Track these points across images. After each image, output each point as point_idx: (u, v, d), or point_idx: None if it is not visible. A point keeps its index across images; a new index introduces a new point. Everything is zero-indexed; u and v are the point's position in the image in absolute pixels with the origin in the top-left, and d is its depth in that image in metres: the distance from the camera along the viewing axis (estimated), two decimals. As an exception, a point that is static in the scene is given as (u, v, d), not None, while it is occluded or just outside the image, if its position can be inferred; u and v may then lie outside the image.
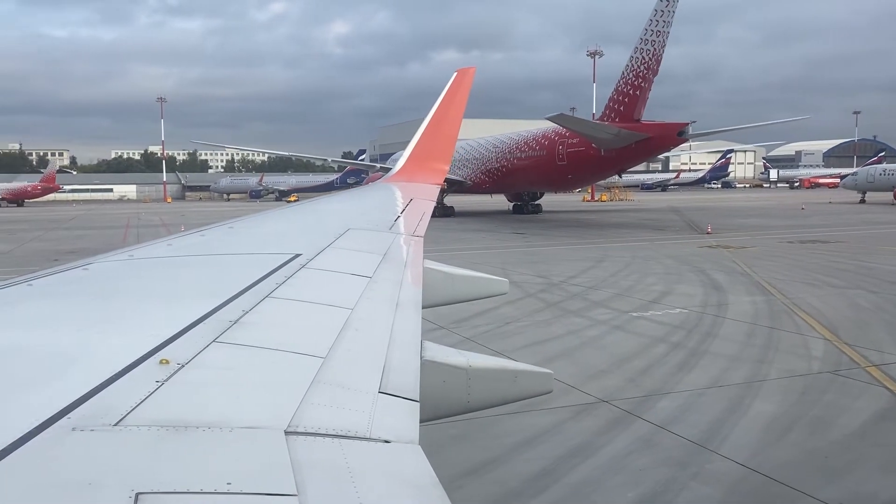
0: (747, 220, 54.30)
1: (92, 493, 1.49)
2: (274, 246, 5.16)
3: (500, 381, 3.66)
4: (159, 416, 1.88)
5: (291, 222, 7.38)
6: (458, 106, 13.01)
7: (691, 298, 19.83)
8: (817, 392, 11.20)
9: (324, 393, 2.26)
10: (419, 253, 5.57)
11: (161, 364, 2.25)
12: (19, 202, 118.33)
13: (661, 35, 44.95)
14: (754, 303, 19.05)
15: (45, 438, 1.68)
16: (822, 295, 20.12)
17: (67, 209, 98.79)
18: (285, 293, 3.43)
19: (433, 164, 12.54)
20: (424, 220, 7.46)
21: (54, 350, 2.42)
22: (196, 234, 5.60)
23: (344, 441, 1.95)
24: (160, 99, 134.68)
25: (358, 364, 2.69)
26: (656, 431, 9.59)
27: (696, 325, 16.25)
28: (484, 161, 61.94)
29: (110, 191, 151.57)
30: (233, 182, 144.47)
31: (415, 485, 1.83)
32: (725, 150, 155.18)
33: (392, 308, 3.62)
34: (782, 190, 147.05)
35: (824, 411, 10.32)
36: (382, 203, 9.87)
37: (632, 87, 46.87)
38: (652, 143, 46.51)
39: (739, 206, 78.79)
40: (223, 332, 2.70)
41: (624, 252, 32.37)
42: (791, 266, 26.62)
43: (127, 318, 2.94)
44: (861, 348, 13.79)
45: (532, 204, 65.20)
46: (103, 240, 42.45)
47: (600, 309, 18.55)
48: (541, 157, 54.40)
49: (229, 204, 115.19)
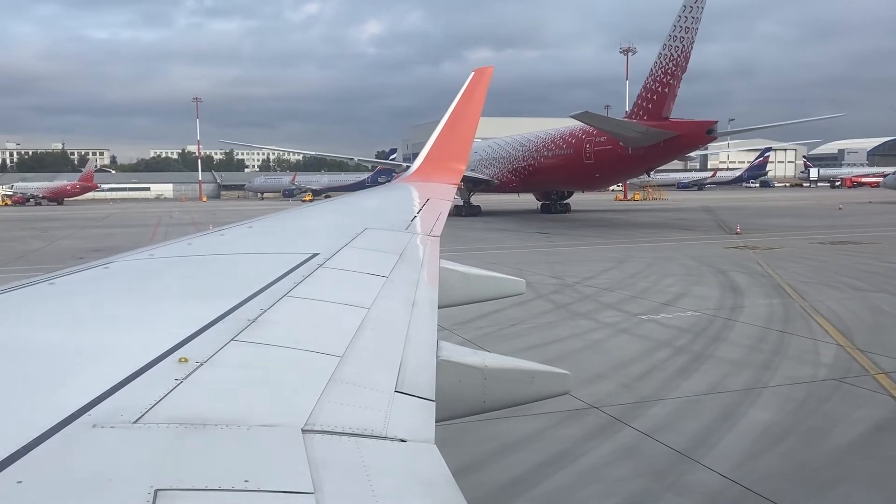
0: (780, 220, 53.11)
1: (111, 490, 1.51)
2: (292, 245, 5.22)
3: (517, 381, 3.65)
4: (178, 413, 1.90)
5: (309, 222, 7.41)
6: (476, 106, 12.94)
7: (706, 301, 19.35)
8: (818, 400, 10.77)
9: (340, 392, 2.28)
10: (435, 253, 5.59)
11: (180, 362, 2.27)
12: (59, 200, 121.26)
13: (689, 31, 44.16)
14: (770, 306, 18.52)
15: (65, 435, 1.70)
16: (844, 298, 19.48)
17: (104, 208, 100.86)
18: (303, 292, 3.46)
19: (450, 163, 12.49)
20: (441, 220, 7.46)
21: (75, 348, 2.46)
22: (215, 234, 5.65)
23: (360, 439, 1.96)
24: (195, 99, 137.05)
25: (374, 363, 2.72)
26: (641, 440, 9.29)
27: (704, 329, 15.82)
28: (511, 160, 61.58)
29: (147, 189, 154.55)
30: (266, 181, 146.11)
31: (430, 484, 1.83)
32: (763, 149, 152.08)
33: (408, 308, 3.63)
34: (822, 189, 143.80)
35: (821, 421, 9.91)
36: (399, 203, 9.91)
37: (660, 84, 46.15)
38: (680, 142, 45.75)
39: (774, 205, 77.20)
40: (241, 330, 2.72)
41: (647, 252, 31.84)
42: (816, 268, 25.88)
43: (146, 317, 2.97)
44: (874, 354, 13.27)
45: (560, 203, 64.65)
46: (131, 238, 43.15)
47: (610, 311, 18.19)
48: (568, 155, 53.87)
49: (262, 203, 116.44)
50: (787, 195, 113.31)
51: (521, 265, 27.07)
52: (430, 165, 12.35)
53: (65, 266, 4.17)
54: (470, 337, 15.01)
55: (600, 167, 50.68)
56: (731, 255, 30.60)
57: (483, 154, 65.96)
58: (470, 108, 12.84)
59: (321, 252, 4.50)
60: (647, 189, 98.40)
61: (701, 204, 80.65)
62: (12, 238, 46.14)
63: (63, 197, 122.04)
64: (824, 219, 53.36)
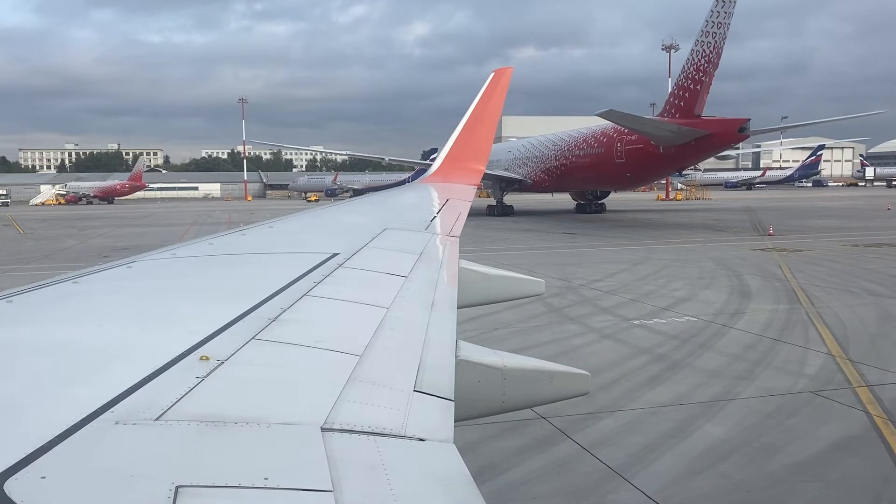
0: (821, 220, 51.25)
1: (133, 486, 1.53)
2: (312, 245, 5.27)
3: (536, 381, 3.65)
4: (199, 411, 1.92)
5: (329, 222, 7.44)
6: (495, 106, 12.94)
7: (708, 306, 18.61)
8: (785, 414, 10.14)
9: (360, 390, 2.29)
10: (455, 253, 5.59)
11: (201, 360, 2.29)
12: (110, 199, 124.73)
13: (722, 27, 42.87)
14: (775, 311, 17.70)
15: (89, 431, 1.73)
16: (856, 304, 18.51)
17: (149, 207, 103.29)
18: (323, 292, 3.49)
19: (469, 164, 12.52)
20: (461, 221, 7.49)
21: (98, 346, 2.49)
22: (237, 234, 5.71)
23: (379, 438, 1.97)
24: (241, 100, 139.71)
25: (393, 362, 2.72)
26: (578, 454, 8.84)
27: (694, 336, 15.17)
28: (544, 159, 60.80)
29: (196, 189, 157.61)
30: (310, 181, 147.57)
31: (449, 483, 1.82)
32: (816, 147, 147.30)
33: (427, 307, 3.64)
34: (878, 189, 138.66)
35: (779, 437, 9.29)
36: (419, 203, 9.92)
37: (692, 81, 44.92)
38: (712, 140, 44.42)
39: (821, 205, 74.67)
40: (262, 329, 2.75)
41: (668, 254, 30.96)
42: (840, 272, 24.75)
43: (168, 315, 3.01)
44: (864, 366, 12.50)
45: (596, 203, 63.58)
46: (163, 237, 43.94)
47: (603, 316, 17.62)
48: (599, 154, 52.92)
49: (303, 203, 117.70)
50: (838, 195, 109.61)
51: (535, 266, 26.56)
52: (450, 166, 12.42)
53: (89, 265, 4.22)
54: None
55: (631, 166, 49.59)
56: (754, 257, 29.53)
57: (517, 153, 65.37)
58: (489, 108, 12.87)
59: (341, 252, 4.54)
60: (690, 188, 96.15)
61: (744, 204, 78.43)
62: (50, 236, 47.45)
63: (113, 196, 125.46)
64: (868, 220, 51.29)
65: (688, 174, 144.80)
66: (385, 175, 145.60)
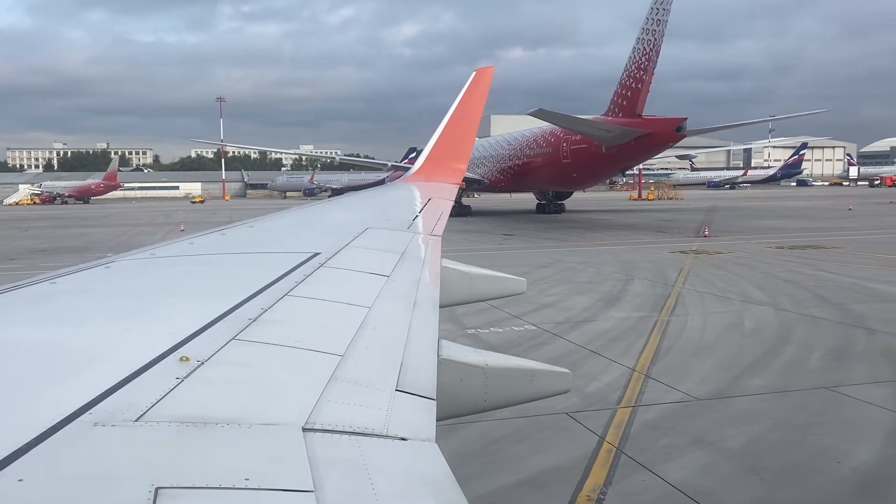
0: (771, 221, 50.54)
1: (112, 487, 1.49)
2: (293, 245, 5.23)
3: (518, 380, 3.65)
4: (179, 412, 1.89)
5: (311, 221, 7.37)
6: (476, 106, 12.99)
7: (563, 313, 17.85)
8: (512, 440, 9.35)
9: (341, 390, 2.26)
10: (437, 252, 5.56)
11: (181, 361, 2.25)
12: (86, 199, 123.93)
13: (660, 24, 42.15)
14: (625, 320, 16.95)
15: (67, 433, 1.69)
16: (716, 313, 17.74)
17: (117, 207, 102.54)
18: (304, 291, 3.45)
19: (451, 163, 12.59)
20: (443, 220, 7.46)
21: (77, 347, 2.43)
22: (216, 233, 5.60)
23: (361, 438, 1.94)
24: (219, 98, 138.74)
25: (375, 362, 2.66)
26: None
27: (514, 346, 14.43)
28: (499, 159, 60.15)
29: (177, 188, 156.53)
30: (289, 180, 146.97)
31: (431, 482, 1.80)
32: (799, 146, 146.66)
33: (410, 307, 3.60)
34: (861, 188, 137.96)
35: (483, 468, 8.50)
36: (401, 202, 9.89)
37: (634, 80, 44.19)
38: (651, 139, 43.72)
39: (782, 205, 74.09)
40: (242, 329, 2.70)
41: (579, 257, 30.20)
42: (736, 275, 23.97)
43: (148, 316, 2.94)
44: (657, 382, 11.78)
45: (555, 203, 62.75)
46: (94, 239, 43.32)
47: (445, 325, 16.77)
48: (547, 154, 52.28)
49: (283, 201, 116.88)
50: (815, 193, 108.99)
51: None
52: (432, 165, 12.49)
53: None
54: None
55: (576, 167, 48.90)
56: (665, 260, 28.76)
57: (475, 153, 64.60)
58: (471, 107, 12.91)
59: (322, 251, 4.52)
60: (662, 188, 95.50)
61: (711, 204, 77.73)
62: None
63: (89, 196, 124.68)
64: (819, 221, 50.56)
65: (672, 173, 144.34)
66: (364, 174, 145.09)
